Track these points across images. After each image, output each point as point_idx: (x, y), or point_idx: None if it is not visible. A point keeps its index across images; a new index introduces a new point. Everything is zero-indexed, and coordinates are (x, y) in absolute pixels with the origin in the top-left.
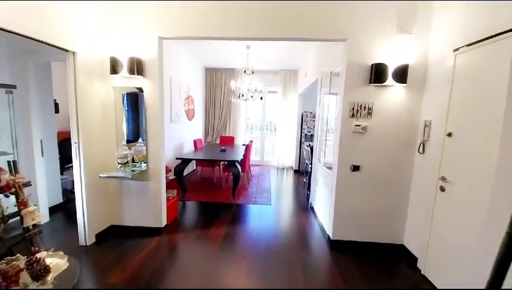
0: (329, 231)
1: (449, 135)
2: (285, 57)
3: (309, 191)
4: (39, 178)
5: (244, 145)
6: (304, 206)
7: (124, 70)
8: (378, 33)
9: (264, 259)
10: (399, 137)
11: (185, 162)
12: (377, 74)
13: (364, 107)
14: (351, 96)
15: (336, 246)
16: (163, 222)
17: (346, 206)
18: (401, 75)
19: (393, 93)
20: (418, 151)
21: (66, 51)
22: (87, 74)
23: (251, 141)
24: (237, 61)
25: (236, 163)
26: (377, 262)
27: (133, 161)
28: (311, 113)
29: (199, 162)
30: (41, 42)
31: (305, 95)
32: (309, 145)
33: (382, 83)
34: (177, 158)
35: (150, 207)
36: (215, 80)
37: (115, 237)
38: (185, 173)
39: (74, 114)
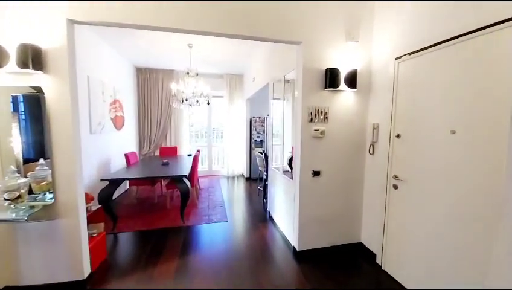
0: (294, 242)
1: (398, 136)
2: (230, 60)
3: (265, 199)
4: None
5: (190, 155)
6: (262, 217)
7: (11, 63)
8: (331, 38)
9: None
10: (352, 140)
11: (114, 183)
12: (331, 78)
13: (321, 112)
14: (309, 101)
15: (303, 257)
16: (86, 271)
17: (310, 214)
18: (351, 80)
19: (345, 98)
20: (369, 153)
21: None
22: None
23: (198, 151)
24: (177, 62)
25: (184, 178)
26: (342, 265)
27: (31, 192)
28: (259, 118)
29: (134, 181)
30: None
31: (253, 100)
32: (263, 152)
33: (336, 87)
34: (102, 179)
35: (63, 255)
36: (150, 82)
37: None
38: (114, 196)
39: None
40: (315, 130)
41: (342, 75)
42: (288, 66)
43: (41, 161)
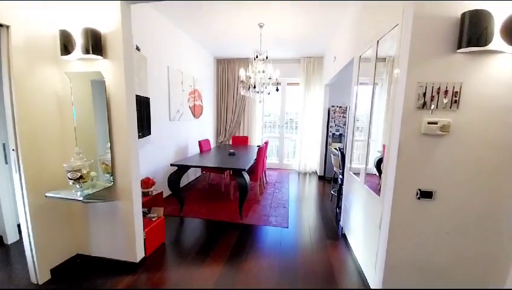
0: (375, 285)
1: None
2: (307, 38)
3: (339, 208)
4: (2, 189)
5: (259, 146)
6: (332, 231)
7: (78, 49)
8: None
9: None
10: (508, 142)
11: (182, 169)
12: (473, 30)
13: (445, 92)
14: (421, 73)
15: None
16: (139, 256)
17: (405, 254)
18: None
19: (501, 65)
20: None
21: None
22: (30, 55)
23: (266, 143)
24: (250, 48)
25: (244, 172)
26: None
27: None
28: (340, 107)
29: (205, 167)
30: None
31: (332, 85)
32: (339, 149)
33: (483, 46)
34: (172, 164)
35: (120, 235)
36: (228, 72)
37: (80, 270)
38: (191, 179)
39: (9, 109)
40: (430, 123)
41: (496, 23)
42: (383, 28)
43: (108, 144)
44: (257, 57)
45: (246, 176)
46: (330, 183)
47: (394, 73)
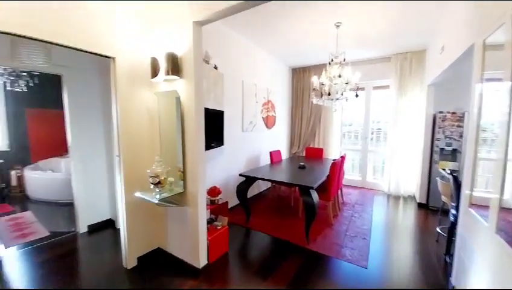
0: None
1: None
2: (402, 30)
3: (449, 256)
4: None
5: (333, 160)
6: (436, 286)
7: (162, 72)
8: None
9: None
10: None
11: (250, 179)
12: None
13: None
14: None
15: None
16: (202, 262)
17: None
18: None
19: None
20: None
21: (107, 57)
22: (130, 80)
23: (343, 157)
24: (328, 53)
25: (311, 190)
26: None
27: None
28: (453, 114)
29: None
30: (78, 50)
31: (439, 85)
32: (451, 172)
33: None
34: (240, 175)
35: (188, 238)
36: (303, 81)
37: (158, 263)
38: (262, 189)
39: (115, 124)
40: None
41: None
42: None
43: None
44: (332, 60)
45: (315, 195)
46: (436, 216)
47: None
